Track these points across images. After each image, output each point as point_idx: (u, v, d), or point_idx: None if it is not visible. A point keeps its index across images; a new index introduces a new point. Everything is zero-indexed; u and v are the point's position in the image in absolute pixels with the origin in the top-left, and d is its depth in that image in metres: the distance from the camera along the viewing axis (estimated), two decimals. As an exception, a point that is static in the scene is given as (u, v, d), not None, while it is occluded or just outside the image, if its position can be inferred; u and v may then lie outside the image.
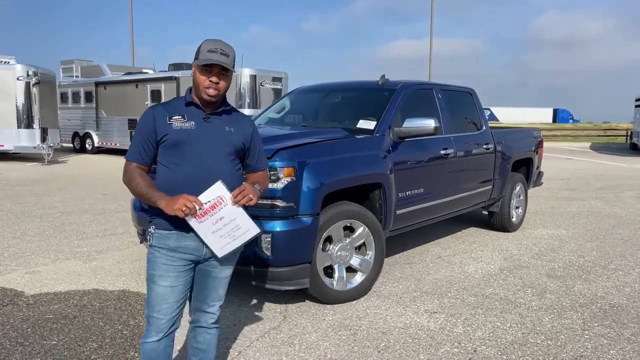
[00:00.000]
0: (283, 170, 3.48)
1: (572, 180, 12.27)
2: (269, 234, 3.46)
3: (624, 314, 3.88)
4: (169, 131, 2.16)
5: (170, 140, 2.16)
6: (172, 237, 2.18)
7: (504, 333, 3.50)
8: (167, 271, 2.18)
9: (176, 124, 2.17)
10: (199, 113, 2.23)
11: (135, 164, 2.19)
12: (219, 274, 2.34)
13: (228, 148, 2.25)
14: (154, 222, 2.22)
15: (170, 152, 2.17)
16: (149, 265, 2.21)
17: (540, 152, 7.27)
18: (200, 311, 2.39)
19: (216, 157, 2.21)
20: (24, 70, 14.90)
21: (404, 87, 4.81)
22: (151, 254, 2.21)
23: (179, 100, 2.28)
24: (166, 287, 2.18)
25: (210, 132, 2.21)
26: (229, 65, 2.17)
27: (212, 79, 2.15)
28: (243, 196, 2.13)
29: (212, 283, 2.34)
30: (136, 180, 2.15)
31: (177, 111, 2.21)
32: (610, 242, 6.09)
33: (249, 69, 14.16)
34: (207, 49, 2.15)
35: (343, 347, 3.24)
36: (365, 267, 4.06)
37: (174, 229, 2.18)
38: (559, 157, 19.83)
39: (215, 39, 2.21)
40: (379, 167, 4.15)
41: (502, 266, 5.07)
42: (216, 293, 2.37)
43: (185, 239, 2.19)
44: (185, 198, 2.06)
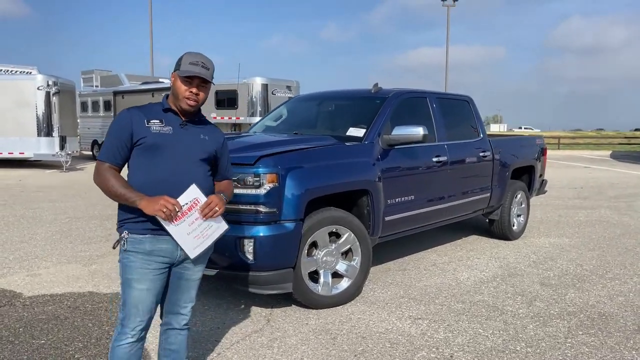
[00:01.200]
0: (266, 177, 3.56)
1: (585, 188, 12.09)
2: (252, 239, 3.55)
3: (612, 323, 3.84)
4: (147, 134, 2.23)
5: (148, 142, 2.23)
6: (146, 240, 2.23)
7: (484, 340, 3.50)
8: (144, 275, 2.24)
9: (154, 128, 2.25)
10: (177, 119, 2.32)
11: (108, 165, 2.24)
12: (192, 275, 2.42)
13: (202, 154, 2.35)
14: (126, 226, 2.26)
15: (147, 155, 2.24)
16: (125, 270, 2.25)
17: (544, 160, 7.21)
18: (173, 313, 2.46)
19: (191, 162, 2.31)
20: (44, 80, 15.36)
21: (395, 96, 4.87)
22: (126, 258, 2.25)
23: (155, 105, 2.37)
24: (143, 290, 2.24)
25: (187, 138, 2.31)
26: (209, 77, 2.29)
27: (192, 90, 2.26)
28: (210, 209, 2.25)
29: (185, 285, 2.42)
30: (111, 181, 2.20)
31: (154, 115, 2.29)
32: (612, 251, 6.01)
33: (260, 77, 14.35)
34: (188, 61, 2.26)
35: (321, 351, 3.29)
36: (352, 272, 4.11)
37: (148, 233, 2.23)
38: (576, 165, 19.55)
39: (197, 53, 2.32)
40: (365, 174, 4.20)
41: (495, 274, 5.05)
42: (189, 295, 2.45)
43: (159, 242, 2.25)
44: (165, 199, 2.14)
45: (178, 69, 2.29)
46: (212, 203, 2.26)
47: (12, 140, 15.25)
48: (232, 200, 3.57)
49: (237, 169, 3.60)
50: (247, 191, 3.57)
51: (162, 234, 2.23)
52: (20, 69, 16.28)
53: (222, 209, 2.30)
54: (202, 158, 2.35)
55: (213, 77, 2.35)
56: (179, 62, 2.30)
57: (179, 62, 2.30)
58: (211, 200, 2.26)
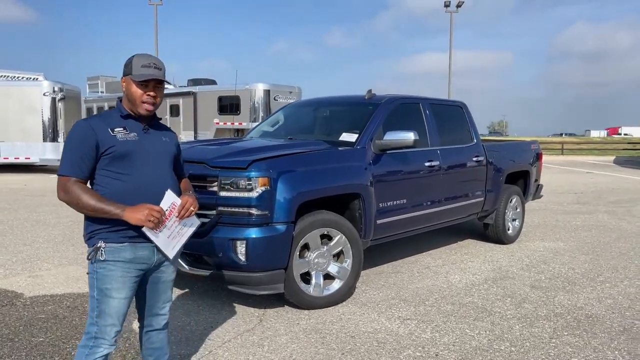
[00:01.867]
0: (258, 180, 3.68)
1: (585, 193, 12.13)
2: (244, 241, 3.66)
3: (598, 324, 3.91)
4: (115, 143, 2.19)
5: (118, 151, 2.19)
6: (126, 249, 2.21)
7: (470, 339, 3.59)
8: (124, 283, 2.21)
9: (120, 136, 2.21)
10: (138, 125, 2.29)
11: (74, 179, 2.14)
12: (168, 277, 2.44)
13: (168, 157, 2.38)
14: (101, 236, 2.19)
15: (118, 164, 2.20)
16: (103, 280, 2.19)
17: (539, 165, 7.29)
18: (153, 315, 2.47)
19: (161, 166, 2.32)
20: (50, 87, 15.60)
21: (387, 102, 4.98)
22: (103, 268, 2.18)
23: (112, 112, 2.30)
24: (122, 299, 2.22)
25: (152, 143, 2.31)
26: (164, 78, 2.27)
27: (149, 93, 2.24)
28: (186, 210, 2.28)
29: (163, 287, 2.44)
30: (84, 196, 2.11)
31: (116, 123, 2.25)
32: (605, 255, 6.07)
33: (262, 83, 14.53)
34: (140, 64, 2.22)
35: (309, 349, 3.39)
36: (343, 274, 4.21)
37: (127, 241, 2.20)
38: (578, 170, 19.57)
39: (146, 54, 2.28)
40: (356, 178, 4.31)
41: (487, 277, 5.14)
42: (166, 295, 2.48)
43: (138, 249, 2.24)
44: (150, 208, 2.13)
45: (130, 73, 2.24)
46: (187, 204, 2.28)
47: (19, 146, 15.48)
48: (225, 202, 3.72)
49: (230, 172, 3.74)
50: (239, 194, 3.68)
51: (141, 241, 2.22)
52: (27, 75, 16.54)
53: (196, 207, 2.34)
54: (169, 161, 2.38)
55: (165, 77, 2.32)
56: (128, 66, 2.25)
57: (128, 66, 2.25)
58: (186, 201, 2.29)
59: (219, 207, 3.73)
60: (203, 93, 15.67)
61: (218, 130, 15.08)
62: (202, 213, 3.84)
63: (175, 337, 3.55)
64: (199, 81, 16.58)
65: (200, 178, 3.84)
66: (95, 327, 2.21)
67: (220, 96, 15.03)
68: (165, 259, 2.36)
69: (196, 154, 4.08)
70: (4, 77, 17.36)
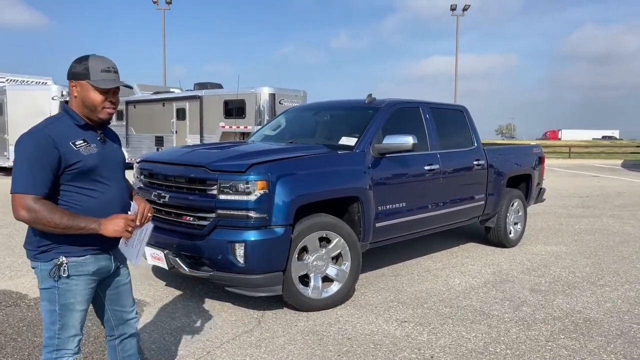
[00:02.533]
0: (256, 184, 3.73)
1: (591, 197, 12.08)
2: (243, 243, 3.71)
3: (596, 328, 3.92)
4: (80, 158, 2.05)
5: (85, 166, 2.07)
6: (88, 262, 2.12)
7: (466, 342, 3.61)
8: (86, 295, 2.16)
9: (83, 150, 2.07)
10: (94, 134, 2.16)
11: (33, 197, 1.95)
12: (126, 278, 2.38)
13: (122, 165, 2.29)
14: (60, 250, 2.07)
15: (83, 179, 2.09)
16: (66, 296, 2.09)
17: (541, 169, 7.29)
18: (125, 322, 2.39)
19: (121, 177, 2.26)
20: (59, 91, 15.79)
21: (387, 106, 5.03)
22: (66, 284, 2.08)
23: (65, 121, 2.11)
24: (83, 310, 2.17)
25: (110, 152, 2.21)
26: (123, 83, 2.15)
27: (111, 99, 2.13)
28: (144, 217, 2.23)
29: (124, 290, 2.37)
30: (55, 215, 1.95)
31: (76, 135, 2.09)
32: (607, 259, 6.06)
33: (268, 87, 14.60)
34: (99, 68, 2.08)
35: (306, 350, 3.43)
36: (342, 276, 4.25)
37: (88, 253, 2.12)
38: (585, 174, 19.46)
39: (102, 57, 2.13)
40: (355, 182, 4.35)
41: (487, 280, 5.15)
42: (131, 296, 2.41)
43: (100, 260, 2.17)
44: (125, 218, 2.07)
45: (87, 77, 2.06)
46: (145, 210, 2.23)
47: (27, 149, 15.63)
48: (224, 205, 3.78)
49: (229, 176, 3.79)
50: (238, 197, 3.74)
51: (101, 252, 2.17)
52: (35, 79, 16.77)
53: (152, 212, 2.28)
54: (122, 168, 2.30)
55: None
56: (85, 68, 2.07)
57: (85, 68, 2.07)
58: (144, 208, 2.23)
59: (218, 210, 3.78)
60: (209, 97, 15.78)
61: (224, 134, 15.17)
62: (202, 216, 3.91)
63: (175, 338, 3.61)
64: (205, 85, 16.70)
65: (199, 181, 3.90)
66: (57, 340, 2.12)
67: (226, 100, 15.12)
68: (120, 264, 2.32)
69: (196, 158, 4.15)
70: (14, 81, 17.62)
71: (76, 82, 2.10)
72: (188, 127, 16.55)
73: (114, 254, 2.25)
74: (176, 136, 16.93)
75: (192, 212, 3.96)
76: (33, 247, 2.11)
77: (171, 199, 4.05)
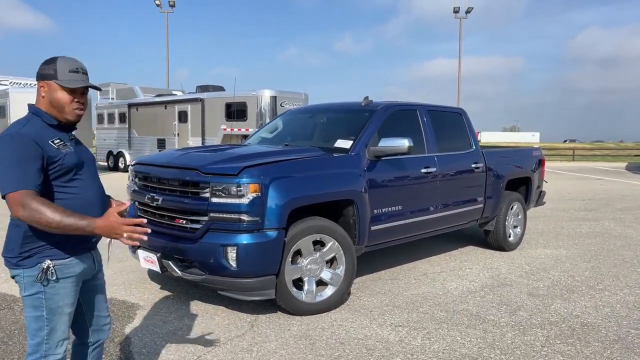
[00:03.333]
0: (248, 187, 3.71)
1: (594, 200, 12.00)
2: (235, 246, 3.68)
3: (593, 333, 3.87)
4: (61, 156, 2.05)
5: (65, 165, 2.06)
6: (74, 263, 2.10)
7: (460, 347, 3.57)
8: (74, 297, 2.14)
9: (62, 148, 2.07)
10: (66, 135, 2.15)
11: (28, 192, 1.91)
12: (101, 280, 2.36)
13: (94, 163, 2.29)
14: (44, 254, 2.04)
15: (65, 178, 2.08)
16: (54, 300, 2.06)
17: (542, 172, 7.24)
18: (100, 327, 2.36)
19: (95, 175, 2.25)
20: (61, 93, 15.83)
21: (384, 109, 5.00)
22: (53, 287, 2.05)
23: (37, 122, 2.09)
24: (71, 312, 2.15)
25: (82, 151, 2.21)
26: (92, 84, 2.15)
27: (79, 100, 2.11)
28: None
29: (101, 295, 2.35)
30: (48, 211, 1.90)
31: (52, 134, 2.08)
32: (608, 263, 6.00)
33: (269, 90, 14.61)
34: (67, 68, 2.07)
35: (298, 355, 3.40)
36: (336, 280, 4.21)
37: (72, 255, 2.10)
38: (589, 177, 19.35)
39: (71, 58, 2.12)
40: (350, 185, 4.32)
41: (485, 284, 5.10)
42: (106, 301, 2.39)
43: (84, 262, 2.15)
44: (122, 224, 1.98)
45: (54, 77, 2.05)
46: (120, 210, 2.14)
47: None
48: (217, 209, 3.75)
49: (221, 179, 3.77)
50: (231, 200, 3.71)
51: (84, 252, 2.15)
52: (39, 82, 16.80)
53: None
54: (96, 167, 2.31)
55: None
56: (53, 69, 2.06)
57: (53, 69, 2.06)
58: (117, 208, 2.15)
59: (210, 213, 3.76)
60: (210, 99, 15.81)
61: (225, 136, 15.18)
62: (195, 219, 3.89)
63: (166, 342, 3.59)
64: (207, 88, 16.73)
65: (192, 184, 3.88)
66: (45, 346, 2.09)
67: (228, 102, 15.14)
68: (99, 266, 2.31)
69: (189, 161, 4.13)
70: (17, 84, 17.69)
71: (44, 82, 2.09)
72: (190, 130, 16.58)
73: (95, 255, 2.25)
74: (178, 139, 16.95)
75: (184, 215, 3.94)
76: (13, 254, 2.05)
77: (164, 201, 4.03)
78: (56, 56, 2.11)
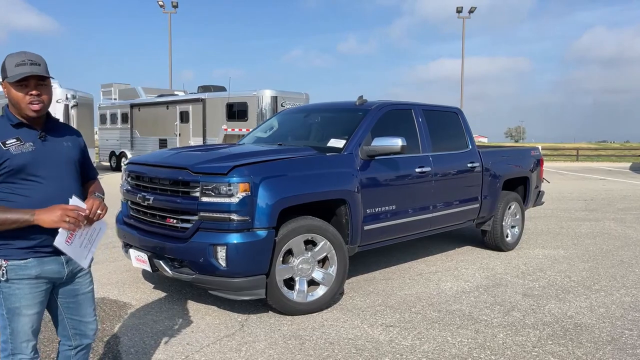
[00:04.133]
0: (238, 186, 3.69)
1: (595, 200, 11.93)
2: (224, 246, 3.67)
3: (586, 333, 3.84)
4: (8, 156, 2.00)
5: (13, 165, 2.01)
6: (30, 265, 2.06)
7: (450, 347, 3.55)
8: (34, 299, 2.08)
9: (14, 148, 2.02)
10: (33, 133, 2.10)
11: None
12: (87, 287, 2.29)
13: (72, 164, 2.21)
14: (1, 252, 2.03)
15: (15, 179, 2.04)
16: (10, 300, 2.04)
17: (540, 171, 7.19)
18: (82, 333, 2.31)
19: (65, 176, 2.16)
20: (63, 94, 15.88)
21: (377, 108, 4.97)
22: (8, 288, 2.03)
23: (1, 122, 2.10)
24: (34, 314, 2.10)
25: (52, 150, 2.13)
26: (45, 73, 2.06)
27: (32, 93, 2.04)
28: (93, 214, 2.11)
29: (84, 299, 2.28)
30: None
31: (8, 134, 2.05)
32: (605, 263, 5.95)
33: (270, 90, 14.61)
34: (14, 63, 2.02)
35: (287, 355, 3.39)
36: (328, 280, 4.20)
37: (30, 256, 2.06)
38: (591, 177, 19.25)
39: (20, 52, 2.07)
40: (341, 184, 4.30)
41: (480, 284, 5.07)
42: (91, 306, 2.32)
43: (45, 264, 2.09)
44: (63, 207, 1.98)
45: (6, 75, 2.03)
46: (94, 207, 2.11)
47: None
48: (206, 208, 3.75)
49: (211, 178, 3.76)
50: (220, 200, 3.70)
51: (46, 254, 2.09)
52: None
53: (105, 210, 2.16)
54: (73, 168, 2.22)
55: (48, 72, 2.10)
56: (3, 69, 2.05)
57: (3, 69, 2.05)
58: (91, 205, 2.11)
59: (200, 213, 3.75)
60: (212, 99, 15.83)
61: (226, 136, 15.19)
62: (185, 218, 3.89)
63: (155, 341, 3.58)
64: (209, 88, 16.76)
65: (182, 184, 3.87)
66: (11, 345, 2.09)
67: (229, 102, 15.16)
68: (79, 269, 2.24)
69: (179, 160, 4.12)
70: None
71: (3, 83, 2.06)
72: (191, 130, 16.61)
73: (67, 260, 2.16)
74: (179, 139, 16.98)
75: (175, 214, 3.94)
76: None
77: (155, 201, 4.03)
78: (8, 54, 2.08)
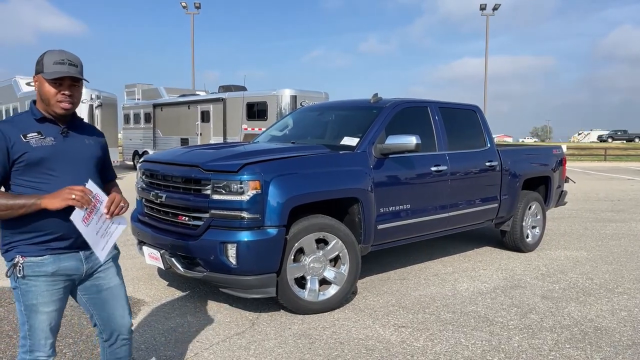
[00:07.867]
0: (249, 184, 3.68)
1: (622, 201, 11.59)
2: (235, 244, 3.66)
3: (606, 337, 3.71)
4: (28, 149, 2.02)
5: (31, 158, 2.03)
6: (47, 262, 2.06)
7: (463, 349, 3.47)
8: (51, 296, 2.08)
9: (34, 141, 2.04)
10: (55, 128, 2.13)
11: None
12: (111, 282, 2.27)
13: (92, 161, 2.22)
14: (18, 250, 2.04)
15: (33, 173, 2.05)
16: (28, 296, 2.05)
17: (562, 171, 7.01)
18: (113, 327, 2.30)
19: (84, 171, 2.15)
20: (88, 94, 16.16)
21: (391, 106, 4.91)
22: (25, 284, 2.04)
23: (25, 116, 2.13)
24: (52, 311, 2.10)
25: (73, 146, 2.15)
26: (80, 75, 2.10)
27: (64, 92, 2.07)
28: (116, 205, 2.11)
29: (110, 295, 2.27)
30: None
31: (30, 128, 2.08)
32: (630, 266, 5.76)
33: (289, 89, 14.62)
34: (52, 61, 2.06)
35: (295, 354, 3.36)
36: (339, 279, 4.15)
37: (47, 253, 2.06)
38: (620, 177, 18.73)
39: (59, 50, 2.10)
40: (354, 182, 4.25)
41: (497, 285, 4.96)
42: (121, 301, 2.30)
43: (62, 261, 2.10)
44: (70, 188, 1.97)
45: (41, 70, 2.07)
46: (117, 199, 2.11)
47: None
48: (217, 206, 3.74)
49: (222, 176, 3.76)
50: (231, 197, 3.70)
51: (64, 251, 2.10)
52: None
53: (126, 205, 2.16)
54: (93, 165, 2.22)
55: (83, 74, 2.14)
56: (40, 63, 2.08)
57: (40, 63, 2.08)
58: (114, 197, 2.11)
59: (211, 210, 3.75)
60: (232, 99, 15.93)
61: (246, 136, 15.26)
62: (196, 216, 3.89)
63: (165, 338, 3.59)
64: (229, 88, 16.87)
65: (194, 181, 3.88)
66: (29, 341, 2.10)
67: (249, 102, 15.23)
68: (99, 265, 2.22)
69: (191, 158, 4.13)
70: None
71: (36, 77, 2.11)
72: (212, 129, 16.74)
73: (87, 256, 2.17)
74: (200, 138, 17.13)
75: (187, 212, 3.95)
76: (1, 245, 2.10)
77: (168, 198, 4.04)
78: (47, 50, 2.12)
